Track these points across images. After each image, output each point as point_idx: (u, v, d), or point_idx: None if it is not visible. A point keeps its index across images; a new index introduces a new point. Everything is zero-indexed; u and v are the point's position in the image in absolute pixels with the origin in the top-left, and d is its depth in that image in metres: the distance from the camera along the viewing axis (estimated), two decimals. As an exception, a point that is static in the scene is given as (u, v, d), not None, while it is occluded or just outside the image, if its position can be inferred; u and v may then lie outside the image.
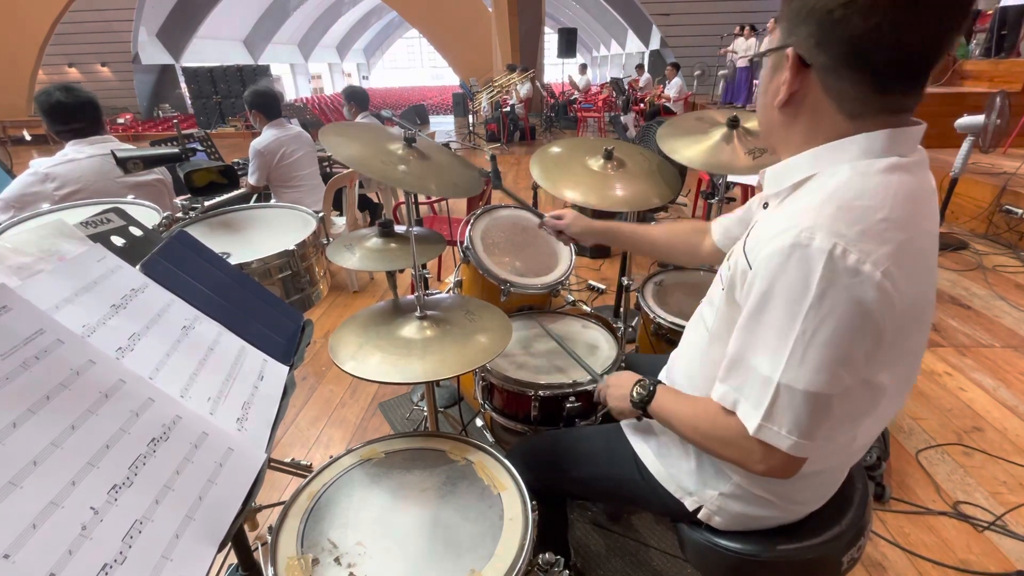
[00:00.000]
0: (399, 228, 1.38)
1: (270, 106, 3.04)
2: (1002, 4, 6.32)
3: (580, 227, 1.29)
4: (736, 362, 0.70)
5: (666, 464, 0.95)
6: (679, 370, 0.97)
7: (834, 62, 0.62)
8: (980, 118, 3.30)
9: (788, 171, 0.72)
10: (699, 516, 0.92)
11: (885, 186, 0.63)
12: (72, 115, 1.82)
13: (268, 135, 3.00)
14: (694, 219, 1.18)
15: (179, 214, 1.35)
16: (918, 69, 0.61)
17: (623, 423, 1.06)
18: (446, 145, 1.56)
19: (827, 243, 0.59)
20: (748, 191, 3.57)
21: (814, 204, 0.64)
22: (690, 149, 1.64)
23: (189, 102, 14.27)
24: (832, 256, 0.59)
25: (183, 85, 14.85)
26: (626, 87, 10.87)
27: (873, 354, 0.64)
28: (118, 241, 0.80)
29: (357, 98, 3.84)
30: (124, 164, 1.27)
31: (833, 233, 0.60)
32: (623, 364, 1.37)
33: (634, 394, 0.92)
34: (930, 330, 0.78)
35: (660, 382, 0.93)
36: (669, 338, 1.65)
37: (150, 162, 1.34)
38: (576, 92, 11.71)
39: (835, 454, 0.81)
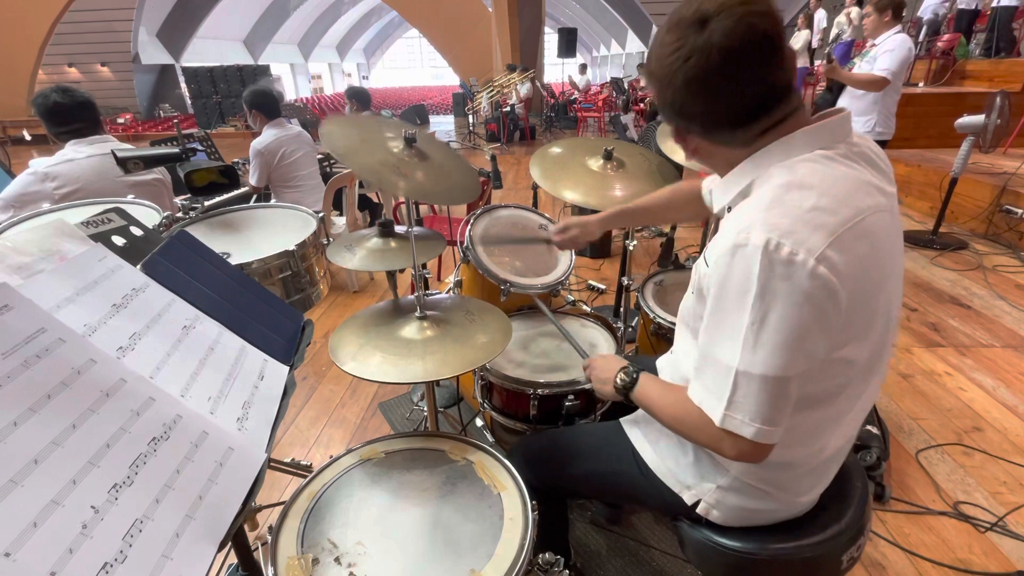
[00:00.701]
0: (399, 228, 1.38)
1: (270, 106, 3.04)
2: (1000, 3, 6.33)
3: (590, 230, 1.34)
4: (702, 358, 0.75)
5: (664, 458, 0.96)
6: (668, 366, 1.01)
7: (702, 128, 0.75)
8: (980, 118, 3.30)
9: (728, 185, 0.79)
10: (698, 510, 0.92)
11: (811, 176, 0.68)
12: (70, 116, 1.82)
13: (268, 135, 3.00)
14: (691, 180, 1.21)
15: (179, 214, 1.35)
16: (754, 110, 0.70)
17: (622, 419, 1.07)
18: (445, 145, 1.56)
19: (761, 239, 0.64)
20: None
21: (753, 205, 0.70)
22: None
23: (189, 102, 14.28)
24: (767, 250, 0.64)
25: (183, 85, 14.87)
26: (626, 87, 10.87)
27: (827, 332, 0.67)
28: (119, 241, 0.80)
29: (360, 97, 3.85)
30: (124, 164, 1.27)
31: (766, 228, 0.65)
32: None
33: (618, 380, 0.94)
34: (899, 300, 0.79)
35: (643, 370, 0.94)
36: (669, 338, 1.65)
37: (150, 162, 1.34)
38: (576, 92, 11.71)
39: (826, 436, 0.82)
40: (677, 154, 1.64)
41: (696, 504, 0.92)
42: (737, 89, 0.68)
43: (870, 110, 3.08)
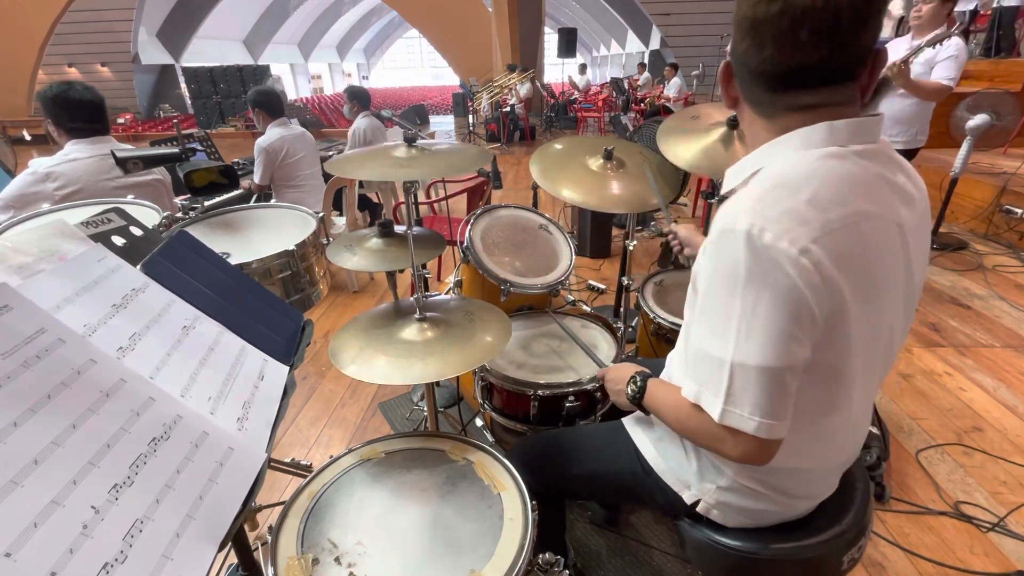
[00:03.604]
0: (399, 228, 1.38)
1: (273, 105, 3.04)
2: (998, 3, 6.32)
3: (694, 248, 1.30)
4: (695, 353, 0.73)
5: (666, 457, 0.96)
6: (675, 367, 0.99)
7: (741, 73, 0.73)
8: (985, 117, 3.28)
9: (740, 169, 0.77)
10: (698, 510, 0.92)
11: (812, 173, 0.66)
12: (95, 115, 1.81)
13: (273, 134, 3.01)
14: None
15: (179, 214, 1.35)
16: (791, 78, 0.68)
17: (624, 419, 1.07)
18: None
19: (746, 225, 0.64)
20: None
21: (746, 193, 0.69)
22: (688, 151, 1.63)
23: (189, 102, 14.26)
24: (750, 236, 0.63)
25: (183, 85, 14.84)
26: (626, 87, 10.87)
27: (814, 330, 0.65)
28: (118, 241, 0.80)
29: (359, 97, 3.85)
30: (124, 164, 1.27)
31: (753, 215, 0.64)
32: None
33: (629, 391, 0.93)
34: (902, 324, 0.77)
35: (651, 375, 0.93)
36: (669, 338, 1.65)
37: (150, 162, 1.34)
38: (576, 92, 11.70)
39: (820, 450, 0.82)
40: (679, 160, 1.63)
41: (696, 504, 0.92)
42: (782, 49, 0.65)
43: (915, 116, 2.84)
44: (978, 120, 3.31)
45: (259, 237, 1.39)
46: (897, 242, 0.69)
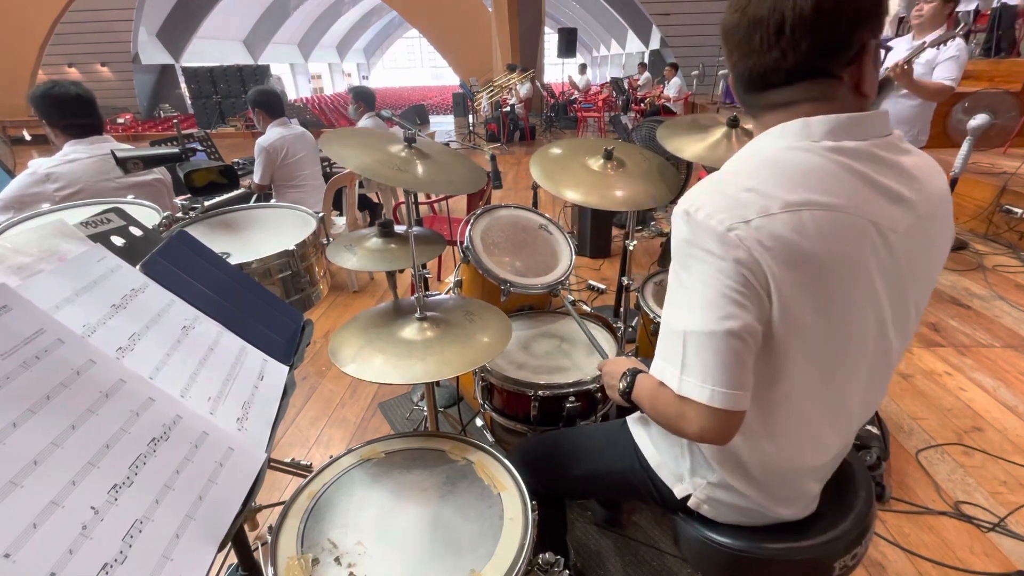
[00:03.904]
0: (399, 228, 1.38)
1: (273, 104, 3.04)
2: (998, 3, 6.32)
3: None
4: (663, 331, 0.76)
5: (662, 452, 0.97)
6: None
7: (732, 77, 0.78)
8: (985, 117, 3.28)
9: None
10: (689, 503, 0.92)
11: (768, 161, 0.70)
12: (76, 110, 1.80)
13: (273, 133, 3.01)
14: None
15: (179, 214, 1.35)
16: (758, 80, 0.73)
17: (628, 417, 1.07)
18: (446, 145, 1.57)
19: (687, 204, 0.70)
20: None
21: (704, 181, 0.74)
22: (691, 145, 1.63)
23: (189, 102, 14.27)
24: (688, 214, 0.70)
25: (183, 85, 14.85)
26: (626, 87, 10.87)
27: (759, 302, 0.67)
28: (118, 241, 0.80)
29: (365, 98, 3.87)
30: (124, 164, 1.27)
31: (696, 196, 0.70)
32: None
33: (621, 386, 0.92)
34: (902, 323, 0.77)
35: (641, 371, 0.92)
36: (669, 338, 1.65)
37: (150, 162, 1.34)
38: (576, 92, 11.70)
39: (790, 447, 0.81)
40: (681, 151, 1.63)
41: (687, 498, 0.92)
42: (743, 55, 0.72)
43: (916, 117, 2.82)
44: (979, 120, 3.31)
45: (259, 237, 1.39)
46: (868, 240, 0.68)
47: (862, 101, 0.70)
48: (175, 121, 2.06)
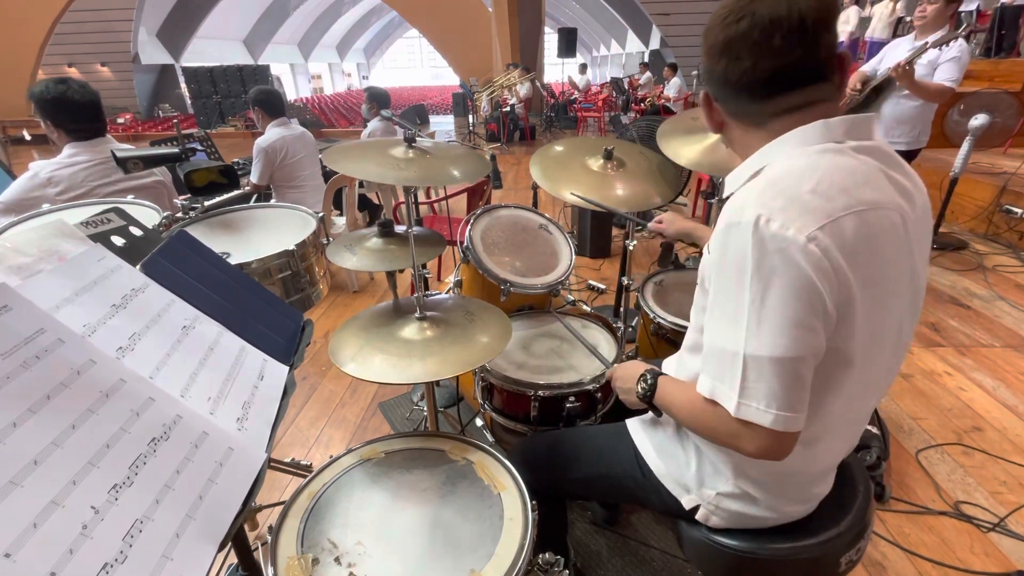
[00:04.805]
0: (399, 228, 1.38)
1: (272, 104, 3.04)
2: (1001, 2, 6.32)
3: (675, 229, 1.43)
4: (710, 349, 0.74)
5: (666, 461, 0.96)
6: (671, 372, 0.98)
7: (724, 94, 0.78)
8: (986, 117, 3.28)
9: (741, 173, 0.79)
10: (697, 516, 0.92)
11: (814, 165, 0.68)
12: (94, 114, 1.78)
13: (273, 133, 3.00)
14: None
15: (179, 214, 1.35)
16: (774, 83, 0.72)
17: (627, 420, 1.06)
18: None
19: (752, 215, 0.65)
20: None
21: (750, 187, 0.72)
22: (689, 149, 1.64)
23: (189, 102, 14.27)
24: (757, 225, 0.65)
25: (183, 85, 14.84)
26: (626, 87, 10.86)
27: (827, 319, 0.66)
28: (118, 241, 0.80)
29: (379, 99, 3.89)
30: (124, 164, 1.27)
31: (759, 206, 0.66)
32: None
33: (639, 389, 0.92)
34: (909, 319, 0.78)
35: (662, 373, 0.92)
36: (669, 338, 1.65)
37: (150, 162, 1.34)
38: (576, 92, 11.70)
39: (820, 452, 0.82)
40: (679, 157, 1.63)
41: (695, 510, 0.92)
42: (759, 58, 0.70)
43: (917, 118, 2.84)
44: (979, 120, 3.31)
45: (259, 237, 1.39)
46: (901, 231, 0.70)
47: (840, 104, 0.74)
48: (175, 121, 2.06)
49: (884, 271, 0.69)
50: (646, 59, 14.93)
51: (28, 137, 11.09)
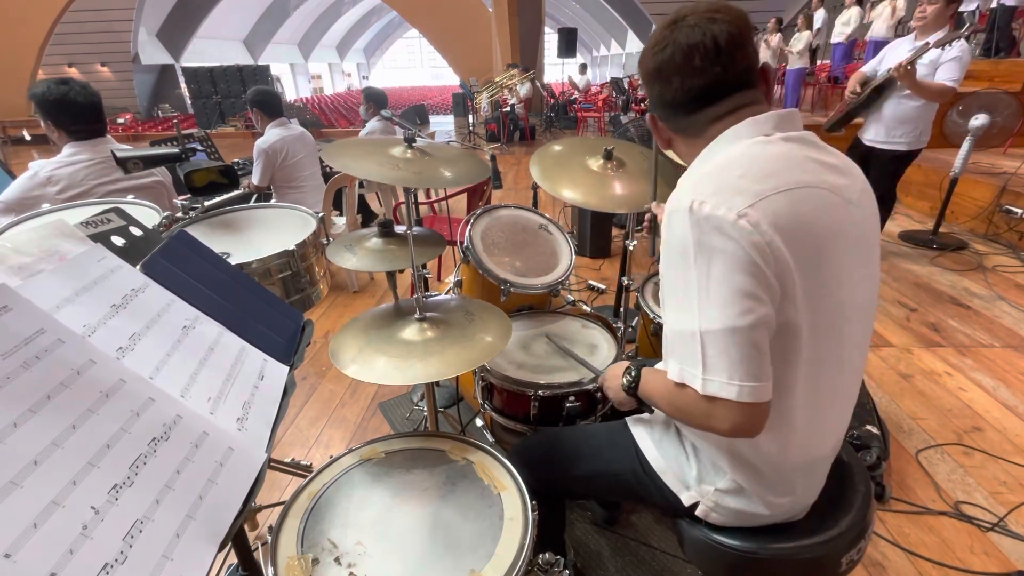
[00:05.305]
0: (399, 228, 1.38)
1: (271, 104, 3.03)
2: (1000, 3, 6.32)
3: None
4: (671, 333, 0.77)
5: (666, 457, 0.96)
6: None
7: (664, 113, 0.87)
8: (986, 117, 3.28)
9: (690, 172, 0.86)
10: (696, 512, 0.92)
11: (743, 154, 0.76)
12: (96, 115, 1.78)
13: (272, 134, 3.00)
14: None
15: (179, 214, 1.35)
16: (701, 98, 0.81)
17: (628, 418, 1.07)
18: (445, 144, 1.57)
19: (687, 201, 0.72)
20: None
21: (688, 179, 0.79)
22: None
23: (189, 102, 14.27)
24: (692, 210, 0.71)
25: (183, 85, 14.85)
26: (626, 87, 10.86)
27: (771, 288, 0.69)
28: (118, 241, 0.80)
29: (376, 99, 3.88)
30: (124, 164, 1.27)
31: (693, 193, 0.72)
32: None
33: (624, 382, 0.94)
34: (870, 289, 0.82)
35: (644, 364, 0.94)
36: (669, 338, 1.65)
37: (150, 162, 1.34)
38: (576, 92, 11.70)
39: (807, 435, 0.82)
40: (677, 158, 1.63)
41: (694, 506, 0.92)
42: (685, 78, 0.79)
43: (918, 118, 2.83)
44: (980, 120, 3.31)
45: (259, 237, 1.39)
46: (837, 204, 0.75)
47: (770, 104, 0.83)
48: (175, 121, 2.06)
49: (824, 244, 0.73)
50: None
51: (28, 137, 11.09)
